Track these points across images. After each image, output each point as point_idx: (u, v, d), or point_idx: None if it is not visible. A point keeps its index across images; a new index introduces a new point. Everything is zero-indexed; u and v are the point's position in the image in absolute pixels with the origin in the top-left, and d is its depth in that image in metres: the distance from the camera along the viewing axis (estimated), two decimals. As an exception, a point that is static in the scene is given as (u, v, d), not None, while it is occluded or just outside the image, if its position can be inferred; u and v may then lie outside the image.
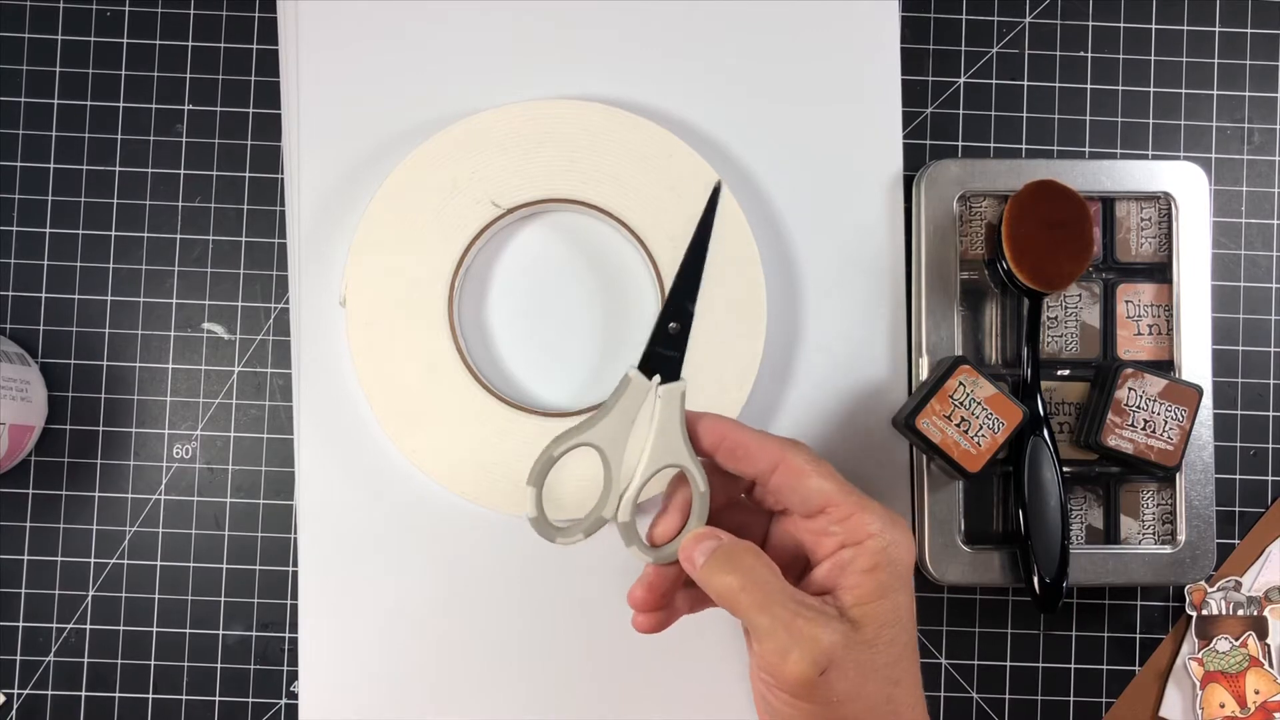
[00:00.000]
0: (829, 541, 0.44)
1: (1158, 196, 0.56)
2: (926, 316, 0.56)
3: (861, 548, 0.43)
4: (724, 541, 0.45)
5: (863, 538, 0.43)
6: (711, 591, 0.44)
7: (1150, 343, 0.56)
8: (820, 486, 0.44)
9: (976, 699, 0.57)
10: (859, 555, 0.43)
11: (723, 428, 0.46)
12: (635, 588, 0.47)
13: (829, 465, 0.45)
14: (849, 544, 0.44)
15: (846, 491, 0.44)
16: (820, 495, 0.44)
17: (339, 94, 0.56)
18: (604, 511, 0.47)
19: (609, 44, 0.57)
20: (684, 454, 0.46)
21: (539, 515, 0.47)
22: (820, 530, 0.45)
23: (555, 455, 0.47)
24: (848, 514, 0.44)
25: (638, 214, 0.55)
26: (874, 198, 0.57)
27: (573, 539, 0.47)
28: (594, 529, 0.47)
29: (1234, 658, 0.57)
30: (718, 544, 0.44)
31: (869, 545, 0.43)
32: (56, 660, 0.56)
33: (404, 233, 0.54)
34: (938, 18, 0.59)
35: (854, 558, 0.43)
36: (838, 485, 0.44)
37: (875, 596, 0.43)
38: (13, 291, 0.57)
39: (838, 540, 0.44)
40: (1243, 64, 0.59)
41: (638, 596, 0.47)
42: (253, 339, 0.57)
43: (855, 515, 0.43)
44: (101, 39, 0.58)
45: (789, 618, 0.41)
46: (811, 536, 0.45)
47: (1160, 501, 0.56)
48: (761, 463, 0.45)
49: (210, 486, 0.57)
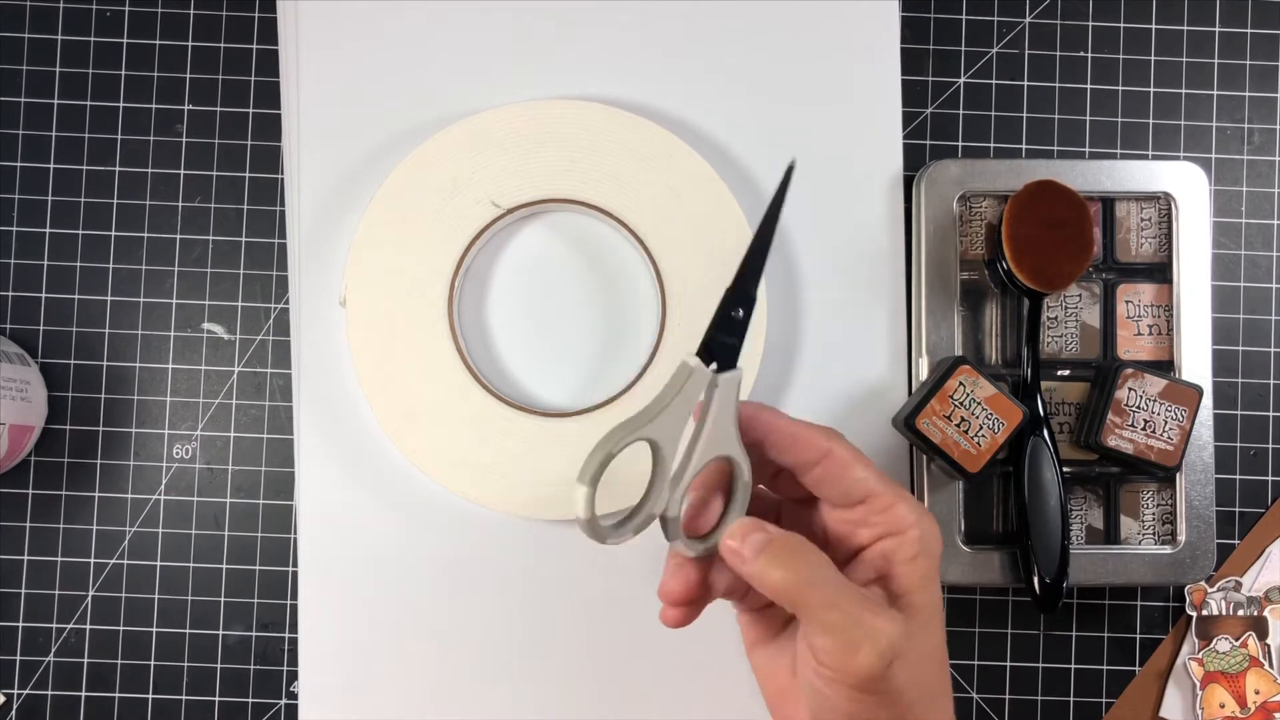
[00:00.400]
0: (867, 532, 0.44)
1: (1158, 196, 0.56)
2: (926, 316, 0.56)
3: (905, 538, 0.43)
4: (773, 534, 0.43)
5: (905, 528, 0.43)
6: (767, 586, 0.43)
7: (1150, 343, 0.56)
8: (864, 477, 0.44)
9: (976, 699, 0.57)
10: (903, 545, 0.43)
11: (770, 417, 0.45)
12: (671, 582, 0.45)
13: (864, 454, 0.45)
14: (892, 534, 0.44)
15: (886, 483, 0.44)
16: (863, 486, 0.44)
17: (339, 94, 0.56)
18: (654, 507, 0.44)
19: (609, 44, 0.57)
20: (735, 445, 0.44)
21: (591, 517, 0.43)
22: (858, 520, 0.44)
23: (614, 451, 0.42)
24: (889, 504, 0.44)
25: (638, 214, 0.55)
26: (874, 198, 0.57)
27: (623, 538, 0.44)
28: (644, 526, 0.44)
29: (1234, 658, 0.57)
30: (767, 537, 0.43)
31: (911, 535, 0.43)
32: (56, 660, 0.56)
33: (404, 233, 0.54)
34: (938, 18, 0.59)
35: (898, 547, 0.43)
36: (878, 476, 0.44)
37: (920, 585, 0.43)
38: (13, 291, 0.57)
39: (878, 531, 0.44)
40: (1243, 64, 0.59)
41: (676, 592, 0.45)
42: (253, 339, 0.57)
43: (895, 506, 0.44)
44: (101, 39, 0.58)
45: (857, 611, 0.41)
46: (847, 527, 0.45)
47: (1160, 502, 0.56)
48: (809, 453, 0.44)
49: (210, 486, 0.57)
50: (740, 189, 0.56)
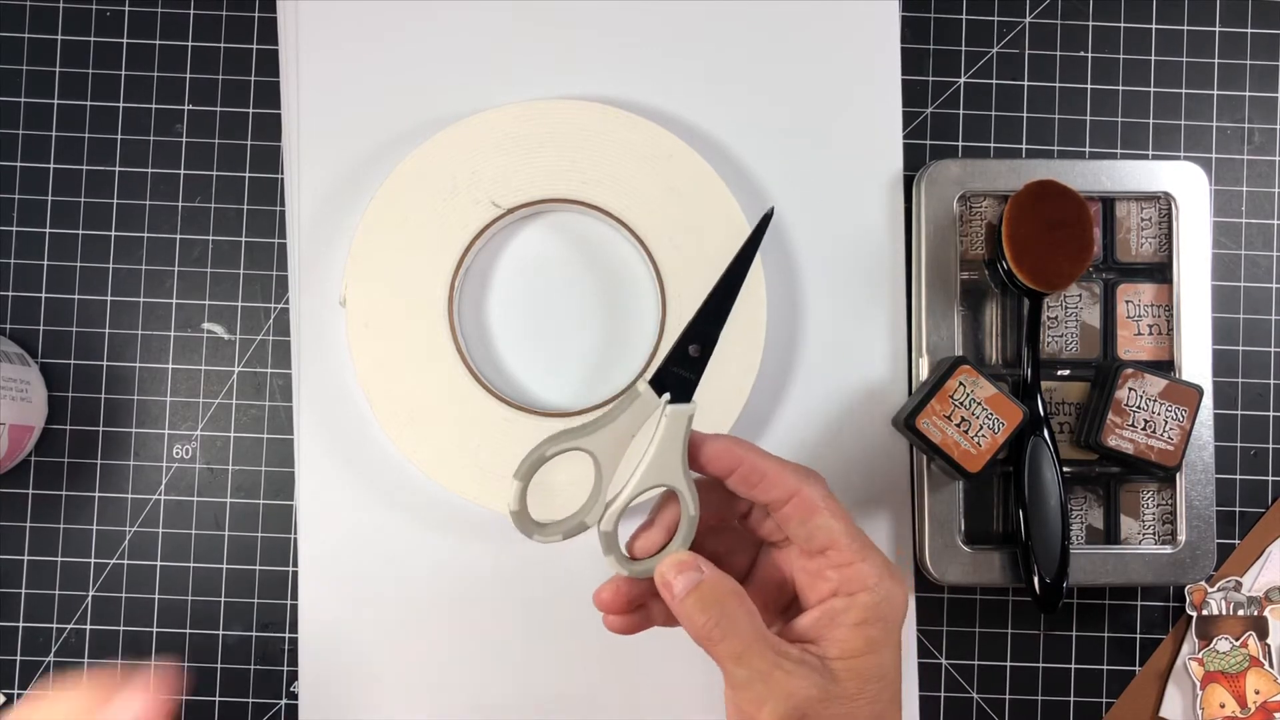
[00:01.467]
0: (823, 586, 0.43)
1: (1158, 196, 0.56)
2: (926, 316, 0.56)
3: (854, 600, 0.42)
4: (706, 575, 0.43)
5: (857, 589, 0.42)
6: (687, 626, 0.43)
7: (1150, 343, 0.56)
8: (828, 525, 0.43)
9: (976, 699, 0.57)
10: (850, 608, 0.42)
11: (739, 452, 0.44)
12: (603, 590, 0.46)
13: (841, 506, 0.44)
14: (842, 593, 0.43)
15: (852, 536, 0.43)
16: (826, 535, 0.43)
17: (339, 94, 0.56)
18: (587, 517, 0.46)
19: (609, 44, 0.57)
20: (679, 476, 0.45)
21: (521, 510, 0.46)
22: (816, 572, 0.44)
23: (547, 455, 0.46)
24: (847, 561, 0.43)
25: (638, 214, 0.55)
26: (874, 198, 0.57)
27: (551, 538, 0.46)
28: (574, 533, 0.46)
29: (1234, 658, 0.57)
30: (699, 577, 0.43)
31: (861, 599, 0.42)
32: (56, 660, 0.56)
33: (404, 233, 0.54)
34: (938, 18, 0.59)
35: (845, 609, 0.42)
36: (845, 527, 0.43)
37: (861, 652, 0.42)
38: (13, 291, 0.57)
39: (832, 587, 0.43)
40: (1243, 64, 0.59)
41: (604, 599, 0.46)
42: (253, 339, 0.57)
43: (854, 564, 0.42)
44: (101, 39, 0.58)
45: (767, 669, 0.41)
46: (807, 577, 0.44)
47: (1160, 502, 0.56)
48: (776, 491, 0.43)
49: (210, 486, 0.57)
50: (740, 189, 0.56)
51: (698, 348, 0.46)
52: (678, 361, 0.46)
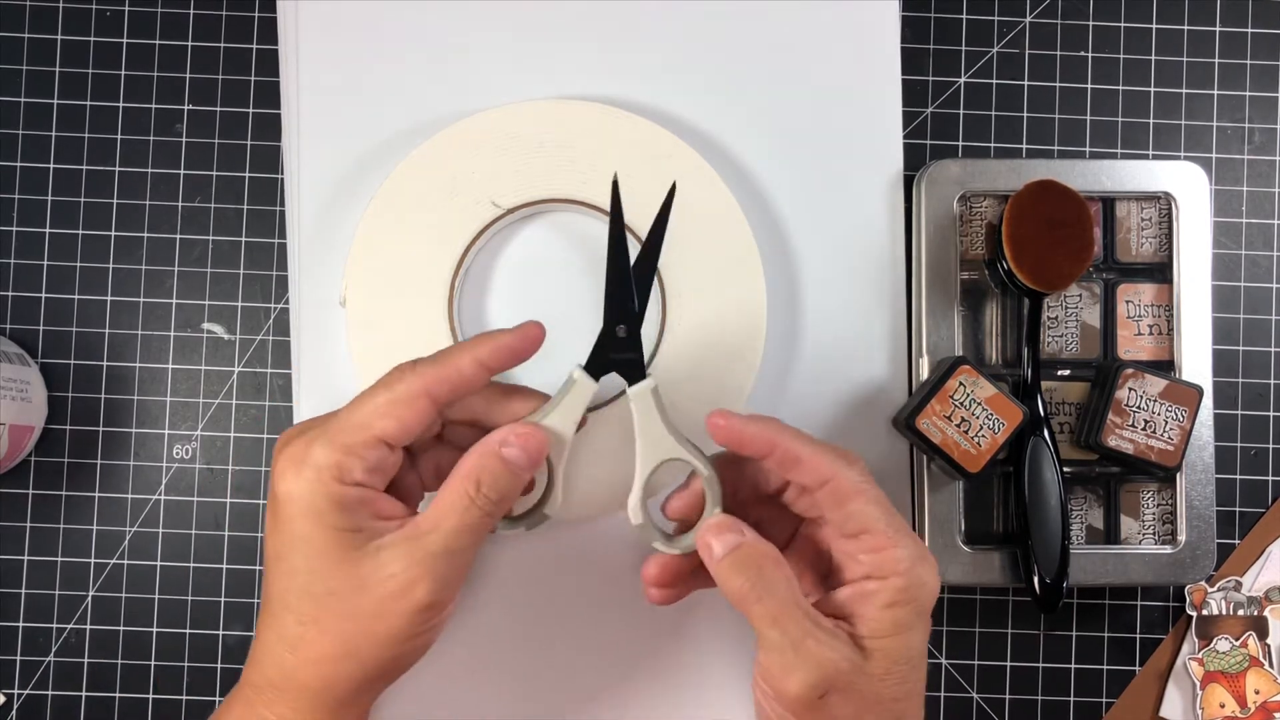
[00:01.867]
0: (857, 568, 0.44)
1: (1158, 196, 0.56)
2: (926, 316, 0.56)
3: (885, 583, 0.43)
4: (746, 539, 0.44)
5: (889, 573, 0.43)
6: (725, 589, 0.43)
7: (1150, 343, 0.56)
8: (864, 511, 0.43)
9: (976, 699, 0.57)
10: (881, 590, 0.43)
11: (772, 435, 0.44)
12: (650, 565, 0.47)
13: (877, 489, 0.44)
14: (874, 577, 0.43)
15: (887, 521, 0.43)
16: (860, 519, 0.43)
17: (339, 94, 0.56)
18: (546, 508, 0.47)
19: (609, 44, 0.57)
20: (676, 448, 0.46)
21: None
22: (850, 554, 0.44)
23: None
24: (881, 546, 0.43)
25: (638, 214, 0.55)
26: (874, 198, 0.57)
27: (513, 529, 0.47)
28: (536, 524, 0.47)
29: (1234, 658, 0.57)
30: (740, 540, 0.44)
31: (893, 583, 0.43)
32: (56, 660, 0.56)
33: (404, 233, 0.54)
34: (938, 18, 0.59)
35: (876, 591, 0.43)
36: (880, 512, 0.43)
37: (889, 633, 0.42)
38: (13, 291, 0.57)
39: (865, 570, 0.44)
40: (1243, 64, 0.59)
41: (652, 574, 0.47)
42: (253, 339, 0.57)
43: (887, 550, 0.43)
44: (101, 39, 0.58)
45: (799, 636, 0.41)
46: (843, 556, 0.45)
47: (1160, 502, 0.56)
48: (811, 476, 0.44)
49: (210, 487, 0.57)
50: (740, 189, 0.56)
51: (624, 328, 0.47)
52: (610, 347, 0.47)
